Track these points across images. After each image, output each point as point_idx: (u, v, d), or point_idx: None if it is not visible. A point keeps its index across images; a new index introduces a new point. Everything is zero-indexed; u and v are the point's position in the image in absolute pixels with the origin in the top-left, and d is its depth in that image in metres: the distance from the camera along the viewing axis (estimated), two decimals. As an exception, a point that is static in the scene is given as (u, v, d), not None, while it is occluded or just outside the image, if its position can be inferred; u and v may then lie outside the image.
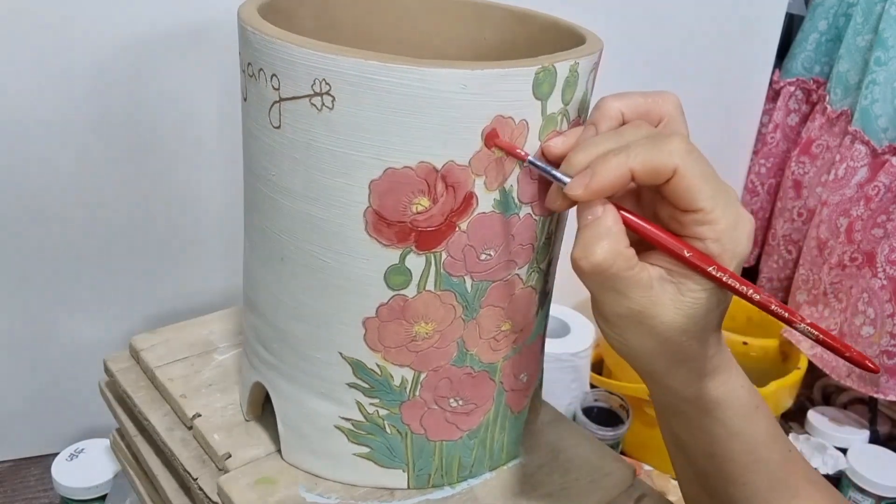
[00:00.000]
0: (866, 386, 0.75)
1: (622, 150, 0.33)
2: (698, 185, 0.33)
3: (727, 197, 0.34)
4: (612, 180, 0.33)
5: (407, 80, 0.35)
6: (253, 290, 0.45)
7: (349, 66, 0.35)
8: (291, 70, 0.36)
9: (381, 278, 0.39)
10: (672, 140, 0.33)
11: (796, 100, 0.90)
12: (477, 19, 0.50)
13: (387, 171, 0.37)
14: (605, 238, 0.33)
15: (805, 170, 0.88)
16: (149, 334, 0.57)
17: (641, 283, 0.34)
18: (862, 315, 0.74)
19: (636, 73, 0.79)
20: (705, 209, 0.33)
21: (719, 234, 0.33)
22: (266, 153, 0.40)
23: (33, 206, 0.63)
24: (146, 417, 0.51)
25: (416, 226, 0.38)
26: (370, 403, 0.43)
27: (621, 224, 0.34)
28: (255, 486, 0.44)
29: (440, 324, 0.40)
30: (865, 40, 0.79)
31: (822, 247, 0.82)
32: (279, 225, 0.41)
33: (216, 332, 0.58)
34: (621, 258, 0.34)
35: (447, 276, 0.39)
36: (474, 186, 0.37)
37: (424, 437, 0.44)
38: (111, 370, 0.55)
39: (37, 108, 0.60)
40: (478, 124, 0.36)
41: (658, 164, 0.33)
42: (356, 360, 0.42)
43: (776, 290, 0.94)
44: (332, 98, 0.36)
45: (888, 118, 0.76)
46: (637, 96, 0.37)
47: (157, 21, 0.61)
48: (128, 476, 0.57)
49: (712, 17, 0.79)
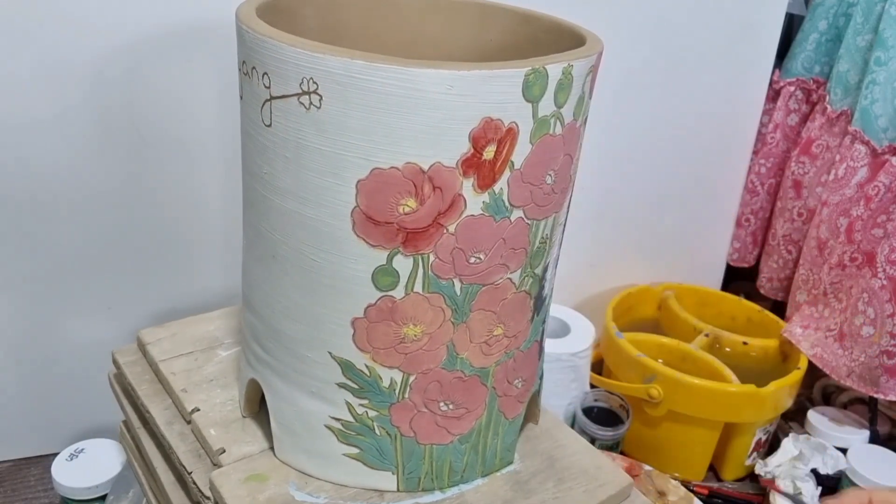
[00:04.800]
0: (866, 386, 0.74)
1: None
2: None
3: None
4: None
5: (393, 80, 0.34)
6: (249, 288, 0.45)
7: (336, 65, 0.35)
8: (281, 68, 0.36)
9: (369, 278, 0.39)
10: None
11: (796, 100, 0.89)
12: (481, 21, 0.50)
13: (373, 171, 0.36)
14: None
15: (805, 170, 0.87)
16: (156, 328, 0.57)
17: None
18: (862, 315, 0.74)
19: (636, 74, 0.79)
20: None
21: None
22: (259, 151, 0.40)
23: (33, 205, 0.63)
24: (148, 410, 0.52)
25: (404, 226, 0.37)
26: (359, 404, 0.43)
27: None
28: (246, 483, 0.45)
29: (429, 326, 0.40)
30: (865, 40, 0.79)
31: (822, 247, 0.82)
32: (272, 223, 0.41)
33: (222, 329, 0.58)
34: None
35: (435, 279, 0.39)
36: (462, 189, 0.37)
37: (414, 440, 0.44)
38: (118, 362, 0.56)
39: (36, 107, 0.60)
40: (465, 126, 0.36)
41: None
42: (345, 360, 0.41)
43: (776, 290, 0.93)
44: (320, 97, 0.36)
45: (888, 118, 0.76)
46: None
47: (157, 21, 0.61)
48: (132, 467, 0.58)
49: (712, 18, 0.79)
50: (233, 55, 0.43)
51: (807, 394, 0.87)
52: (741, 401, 0.72)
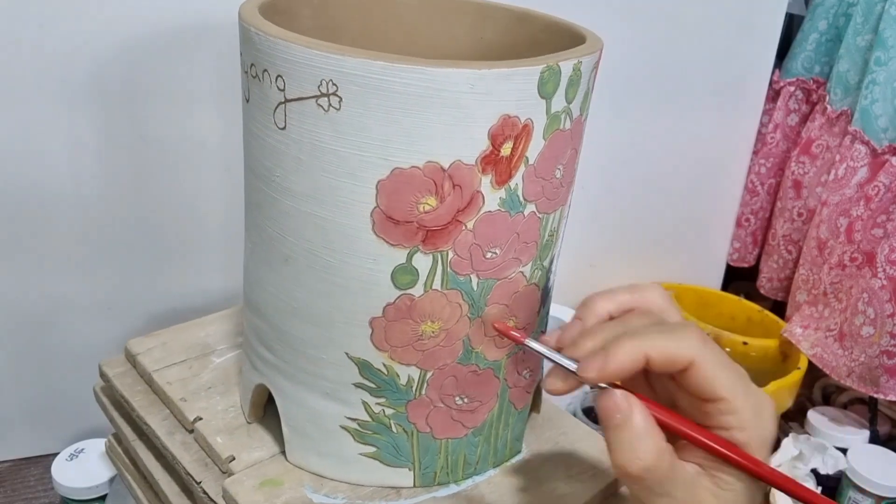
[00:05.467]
0: (866, 386, 0.74)
1: (636, 335, 0.33)
2: (716, 375, 0.32)
3: (745, 383, 0.33)
4: (627, 363, 0.33)
5: (415, 81, 0.35)
6: (255, 291, 0.45)
7: (357, 66, 0.35)
8: (298, 71, 0.36)
9: (388, 278, 0.39)
10: (686, 330, 0.33)
11: (796, 100, 0.90)
12: (477, 19, 0.50)
13: (394, 171, 0.37)
14: (647, 437, 0.33)
15: (805, 170, 0.87)
16: (145, 338, 0.56)
17: (685, 481, 0.33)
18: (862, 315, 0.74)
19: (636, 74, 0.79)
20: (726, 398, 0.32)
21: (744, 423, 0.33)
22: (270, 154, 0.40)
23: (32, 205, 0.63)
24: (145, 422, 0.51)
25: (424, 225, 0.38)
26: (376, 403, 0.43)
27: (652, 418, 0.33)
28: (261, 488, 0.44)
29: (446, 322, 0.41)
30: (865, 40, 0.79)
31: (822, 247, 0.82)
32: (283, 226, 0.41)
33: (213, 335, 0.57)
34: (667, 455, 0.33)
35: (454, 275, 0.39)
36: (481, 185, 0.38)
37: (430, 436, 0.44)
38: (107, 374, 0.55)
39: (35, 108, 0.60)
40: (484, 123, 0.36)
41: (674, 353, 0.32)
42: (362, 360, 0.42)
43: (776, 290, 0.93)
44: (339, 99, 0.36)
45: (888, 118, 0.76)
46: (622, 293, 0.37)
47: (157, 21, 0.61)
48: (125, 481, 0.56)
49: (712, 17, 0.79)
50: (234, 55, 0.43)
51: (807, 394, 0.87)
52: (741, 400, 0.73)
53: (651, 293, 0.37)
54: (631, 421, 0.33)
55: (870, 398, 0.79)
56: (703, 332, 0.34)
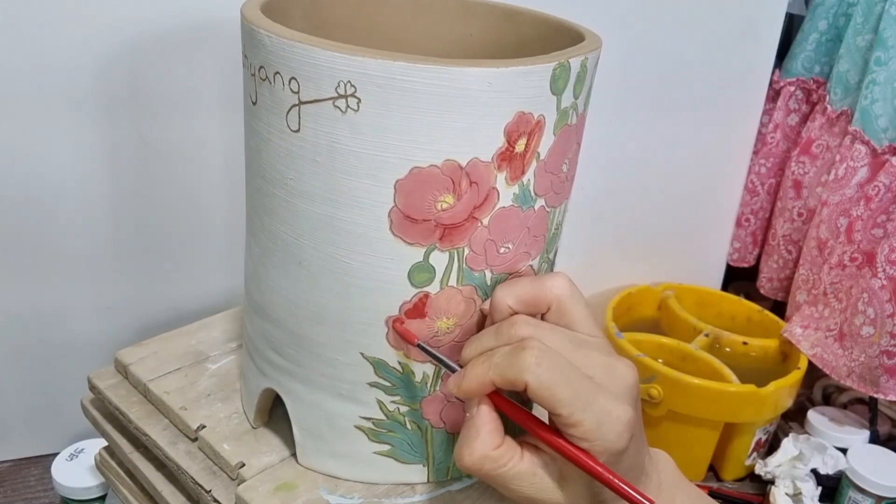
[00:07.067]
0: (866, 386, 0.74)
1: (487, 359, 0.36)
2: (552, 395, 0.35)
3: (586, 398, 0.35)
4: (476, 387, 0.37)
5: (434, 81, 0.35)
6: (263, 295, 0.45)
7: (376, 67, 0.35)
8: (313, 73, 0.36)
9: (405, 276, 0.39)
10: (523, 355, 0.35)
11: (796, 100, 0.90)
12: (463, 16, 0.51)
13: (412, 171, 0.37)
14: (475, 440, 0.36)
15: (805, 170, 0.87)
16: (134, 348, 0.55)
17: (520, 475, 0.37)
18: (862, 315, 0.74)
19: (636, 73, 0.79)
20: (563, 415, 0.35)
21: (584, 434, 0.35)
22: (282, 157, 0.39)
23: (33, 205, 0.63)
24: (144, 433, 0.50)
25: (441, 223, 0.38)
26: (391, 401, 0.43)
27: (493, 423, 0.37)
28: (276, 493, 0.44)
29: (461, 318, 0.41)
30: (865, 40, 0.79)
31: (822, 247, 0.82)
32: (297, 229, 0.40)
33: (204, 342, 0.57)
34: (488, 461, 0.36)
35: (469, 271, 0.40)
36: (496, 182, 0.38)
37: (444, 431, 0.45)
38: (98, 387, 0.53)
39: (37, 107, 0.60)
40: (501, 121, 0.37)
41: (511, 378, 0.35)
42: (378, 359, 0.42)
43: (776, 290, 0.94)
44: (358, 100, 0.36)
45: (888, 118, 0.76)
46: (525, 284, 0.39)
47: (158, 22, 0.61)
48: (119, 494, 0.55)
49: (712, 17, 0.79)
50: (235, 55, 0.42)
51: (807, 394, 0.87)
52: (741, 401, 0.72)
53: (554, 281, 0.39)
54: (472, 420, 0.37)
55: (870, 398, 0.79)
56: (543, 350, 0.35)
